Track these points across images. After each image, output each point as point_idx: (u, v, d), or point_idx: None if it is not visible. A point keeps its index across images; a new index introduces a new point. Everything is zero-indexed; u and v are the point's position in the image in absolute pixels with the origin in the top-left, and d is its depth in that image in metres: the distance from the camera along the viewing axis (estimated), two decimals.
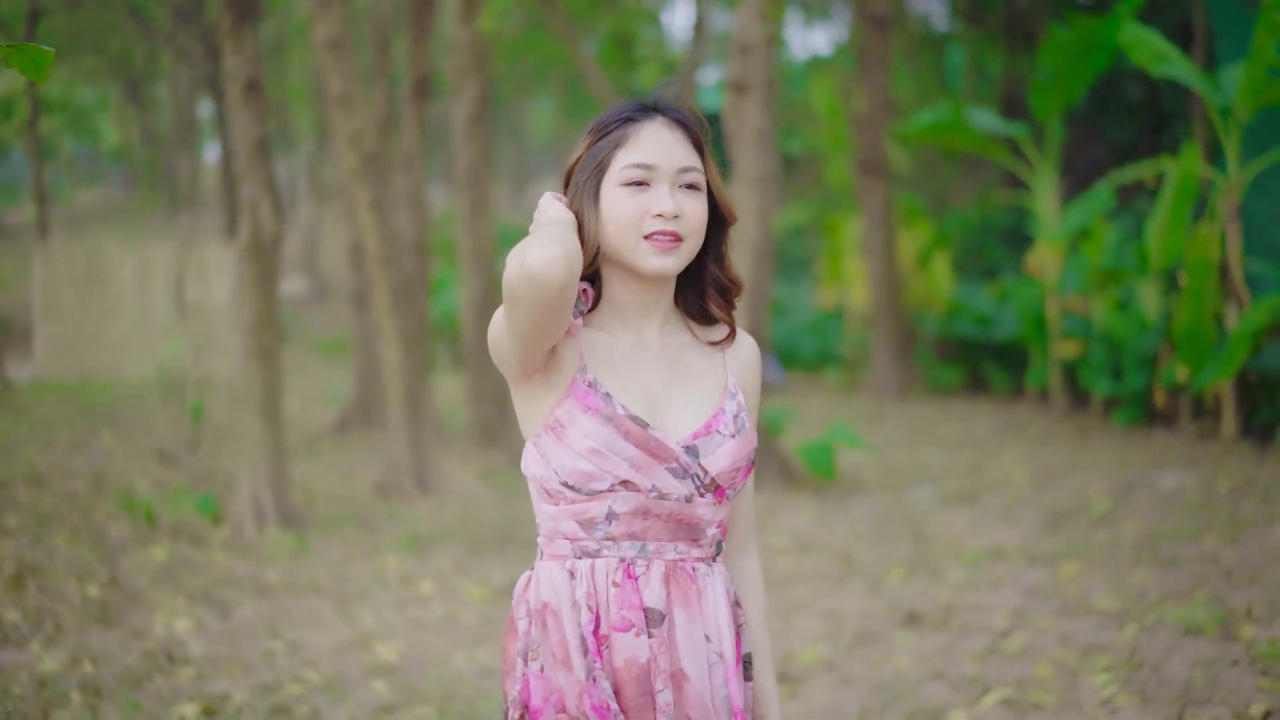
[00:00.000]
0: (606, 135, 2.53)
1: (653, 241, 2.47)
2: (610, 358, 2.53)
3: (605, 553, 2.48)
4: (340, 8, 9.42)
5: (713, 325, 2.67)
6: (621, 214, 2.48)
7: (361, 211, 9.65)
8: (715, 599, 2.52)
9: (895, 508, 9.14)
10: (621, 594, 2.45)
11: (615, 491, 2.45)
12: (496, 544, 8.39)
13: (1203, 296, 10.59)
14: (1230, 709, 5.00)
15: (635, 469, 2.44)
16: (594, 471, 2.43)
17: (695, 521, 2.50)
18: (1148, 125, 18.73)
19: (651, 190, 2.49)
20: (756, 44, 9.40)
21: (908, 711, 5.28)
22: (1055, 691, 5.39)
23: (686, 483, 2.48)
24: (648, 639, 2.45)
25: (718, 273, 2.64)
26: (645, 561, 2.48)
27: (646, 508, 2.46)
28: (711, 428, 2.52)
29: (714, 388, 2.59)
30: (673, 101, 2.60)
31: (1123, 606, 6.46)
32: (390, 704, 5.43)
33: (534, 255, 2.24)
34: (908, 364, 15.42)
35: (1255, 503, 8.35)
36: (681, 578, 2.49)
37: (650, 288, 2.55)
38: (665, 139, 2.51)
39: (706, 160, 2.58)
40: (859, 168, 15.20)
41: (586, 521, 2.47)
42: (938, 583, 7.20)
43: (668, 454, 2.46)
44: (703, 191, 2.54)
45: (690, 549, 2.51)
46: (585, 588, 2.46)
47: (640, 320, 2.58)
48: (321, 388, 15.79)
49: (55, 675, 5.47)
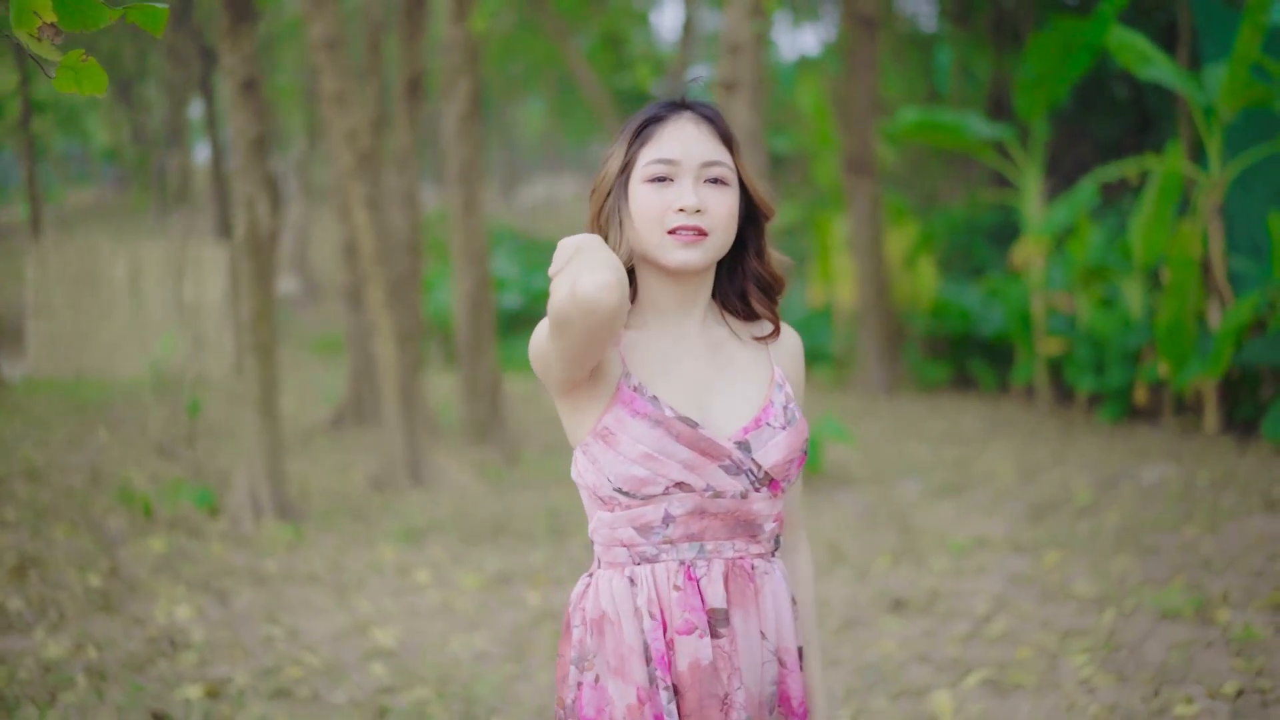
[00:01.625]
0: (635, 136, 2.52)
1: (676, 236, 2.44)
2: (653, 357, 2.51)
3: (664, 557, 2.45)
4: (335, 8, 9.56)
5: (755, 321, 2.64)
6: (646, 209, 2.46)
7: (356, 210, 9.79)
8: (775, 595, 2.51)
9: (882, 500, 9.29)
10: (684, 597, 2.43)
11: (670, 494, 2.42)
12: (490, 535, 8.54)
13: (1185, 294, 10.76)
14: (1205, 688, 5.16)
15: (689, 470, 2.42)
16: (648, 476, 2.41)
17: (752, 517, 2.48)
18: (1133, 124, 18.90)
19: (675, 185, 2.46)
20: (745, 44, 9.55)
21: (892, 691, 5.44)
22: (1035, 672, 5.55)
23: (741, 479, 2.45)
24: (711, 639, 2.43)
25: (758, 268, 2.61)
26: (705, 562, 2.45)
27: (703, 508, 2.44)
28: (761, 421, 2.49)
29: (761, 380, 2.56)
30: (700, 100, 2.58)
31: (1102, 592, 6.61)
32: (389, 686, 5.57)
33: (586, 281, 2.20)
34: (895, 361, 15.59)
35: (1235, 495, 8.50)
36: (740, 576, 2.47)
37: (685, 284, 2.52)
38: (689, 134, 2.49)
39: (737, 155, 2.55)
40: (846, 167, 15.36)
41: (643, 527, 2.45)
42: (923, 571, 7.36)
43: (720, 452, 2.43)
44: (730, 186, 2.49)
45: (749, 545, 2.49)
46: (647, 593, 2.44)
47: (680, 317, 2.54)
48: (315, 385, 15.92)
49: (60, 660, 5.60)
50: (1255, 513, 7.95)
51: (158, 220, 27.04)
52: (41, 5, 2.20)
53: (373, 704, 5.34)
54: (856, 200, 15.17)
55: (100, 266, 17.39)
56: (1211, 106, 10.64)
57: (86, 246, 17.74)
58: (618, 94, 23.60)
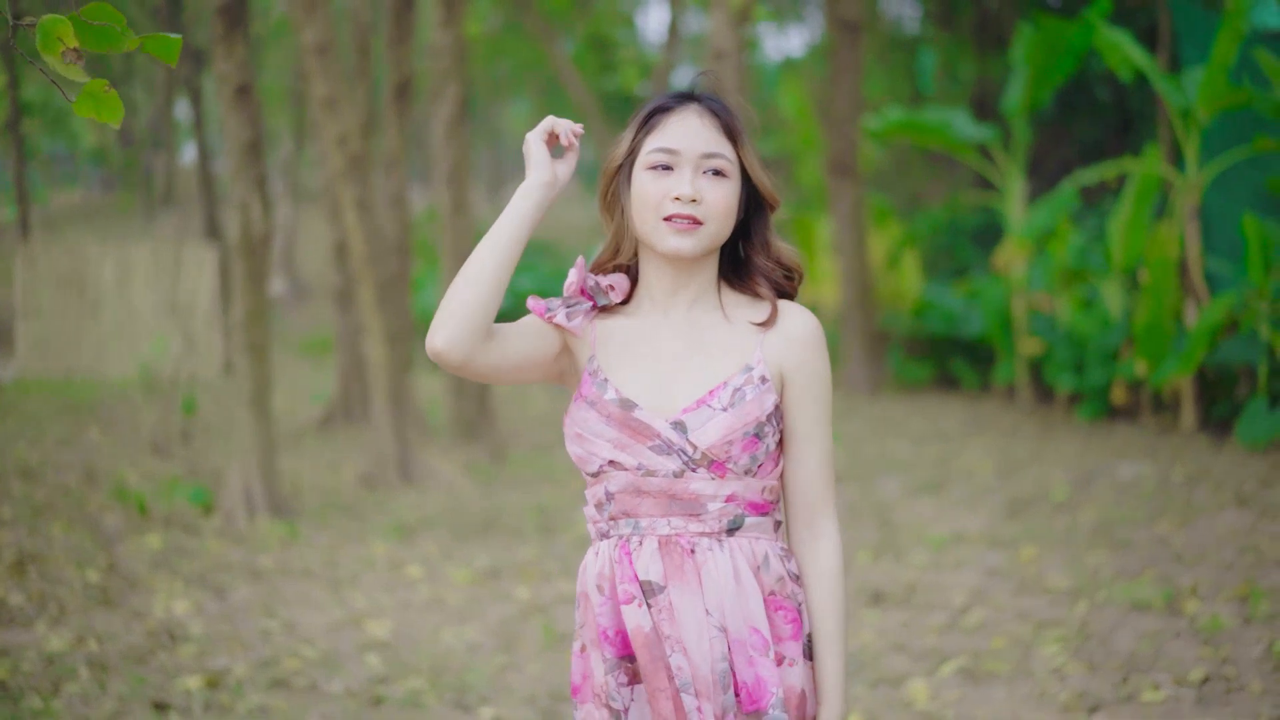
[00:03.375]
0: (643, 124, 2.62)
1: (671, 224, 2.54)
2: (626, 340, 2.63)
3: (612, 532, 2.57)
4: (326, 13, 9.72)
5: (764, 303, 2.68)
6: (645, 195, 2.56)
7: (347, 211, 9.95)
8: (720, 573, 2.52)
9: (864, 496, 9.47)
10: (620, 570, 2.53)
11: (606, 472, 2.55)
12: (480, 531, 8.70)
13: (1162, 294, 10.97)
14: (1172, 675, 5.36)
15: (618, 449, 2.53)
16: (583, 454, 2.56)
17: (690, 496, 2.52)
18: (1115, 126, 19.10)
19: (675, 174, 2.55)
20: (730, 49, 9.73)
21: (870, 680, 5.62)
22: (1009, 661, 5.74)
23: (672, 458, 2.51)
24: (647, 609, 2.51)
25: (763, 259, 2.68)
26: (639, 538, 2.54)
27: (637, 486, 2.53)
28: (704, 402, 2.53)
29: (730, 363, 2.59)
30: (709, 90, 2.66)
31: (1076, 585, 6.81)
32: (383, 676, 5.73)
33: (429, 343, 2.48)
34: (878, 361, 15.76)
35: (1208, 491, 8.70)
36: (675, 552, 2.52)
37: (679, 269, 2.61)
38: (692, 125, 2.57)
39: (742, 147, 2.61)
40: (829, 169, 15.53)
41: (597, 503, 2.60)
42: (902, 564, 7.54)
43: (649, 432, 2.51)
44: (729, 178, 2.58)
45: (688, 524, 2.53)
46: (599, 568, 2.57)
47: (667, 301, 2.64)
48: (304, 386, 16.05)
49: (62, 653, 5.75)
50: (1227, 508, 8.15)
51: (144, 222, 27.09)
52: (64, 31, 2.34)
53: (368, 693, 5.51)
54: (840, 202, 15.34)
55: (88, 267, 17.50)
56: (1189, 109, 10.83)
57: (75, 248, 17.86)
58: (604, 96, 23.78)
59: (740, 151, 2.61)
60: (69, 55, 2.36)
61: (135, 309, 17.43)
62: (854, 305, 15.29)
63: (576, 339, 2.63)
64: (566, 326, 2.59)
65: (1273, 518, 7.80)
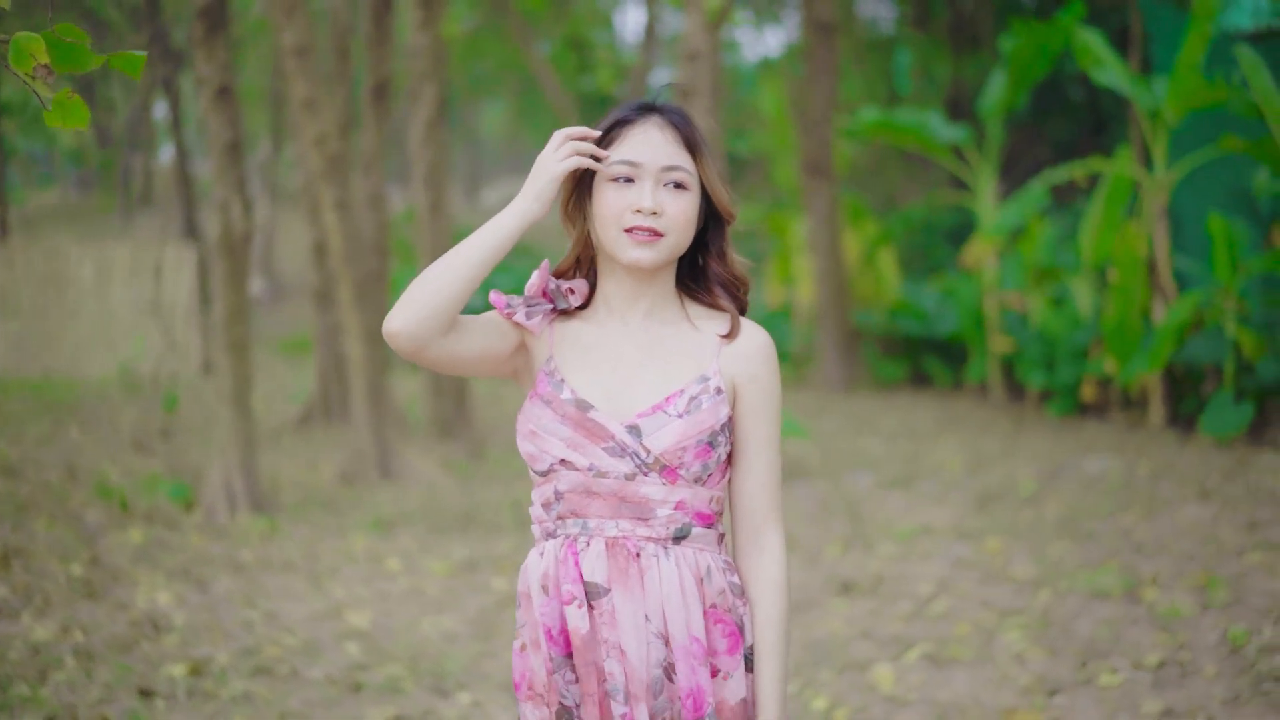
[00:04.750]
0: (604, 136, 2.65)
1: (632, 235, 2.58)
2: (583, 344, 2.68)
3: (559, 531, 2.61)
4: (306, 16, 9.84)
5: (724, 315, 2.74)
6: (606, 208, 2.61)
7: (326, 212, 10.08)
8: (664, 581, 2.56)
9: (835, 491, 9.62)
10: (564, 569, 2.56)
11: (557, 471, 2.59)
12: (458, 525, 8.84)
13: (1130, 292, 11.15)
14: (1129, 660, 5.53)
15: (571, 448, 2.57)
16: (535, 452, 2.60)
17: (641, 500, 2.57)
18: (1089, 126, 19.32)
19: (636, 186, 2.59)
20: (703, 51, 9.88)
21: (837, 666, 5.78)
22: (972, 647, 5.90)
23: (625, 461, 2.56)
24: (588, 611, 2.55)
25: (719, 269, 2.74)
26: (586, 538, 2.58)
27: (587, 486, 2.57)
28: (659, 408, 2.58)
29: (686, 371, 2.65)
30: (672, 103, 2.69)
31: (1040, 575, 6.97)
32: (363, 663, 5.88)
33: (386, 323, 2.51)
34: (853, 359, 15.92)
35: (1172, 485, 8.87)
36: (621, 555, 2.56)
37: (637, 280, 2.66)
38: (654, 138, 2.62)
39: (701, 161, 2.64)
40: (805, 169, 15.69)
41: (545, 503, 2.63)
42: (871, 556, 7.70)
43: (604, 434, 2.56)
44: (689, 190, 2.62)
45: (635, 527, 2.57)
46: (543, 568, 2.60)
47: (625, 309, 2.69)
48: (283, 385, 16.16)
49: (48, 643, 5.87)
50: (1190, 501, 8.32)
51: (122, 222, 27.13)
52: (36, 49, 2.43)
53: (348, 679, 5.65)
54: (815, 202, 15.50)
55: (67, 267, 17.57)
56: (1157, 110, 11.00)
57: (53, 248, 17.92)
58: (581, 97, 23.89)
59: (700, 164, 2.65)
60: (39, 71, 2.45)
61: (114, 309, 17.50)
62: (829, 304, 15.45)
63: (535, 338, 2.70)
64: (526, 325, 2.65)
65: (1234, 509, 7.97)
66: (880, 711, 5.27)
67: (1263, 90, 9.61)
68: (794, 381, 16.42)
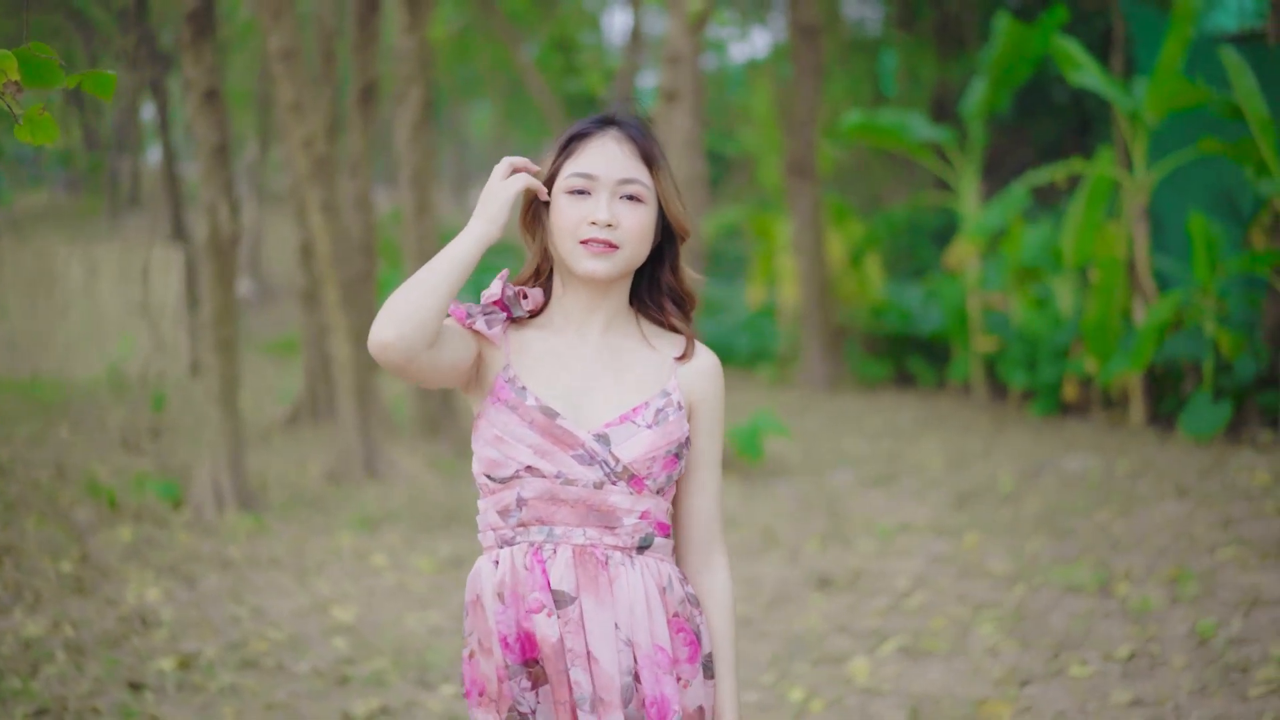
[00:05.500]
0: (563, 148, 2.68)
1: (587, 247, 2.59)
2: (541, 354, 2.68)
3: (519, 539, 2.60)
4: (293, 20, 9.93)
5: (674, 335, 2.77)
6: (562, 220, 2.62)
7: (313, 213, 10.18)
8: (630, 588, 2.60)
9: (816, 489, 9.74)
10: (531, 577, 2.57)
11: (521, 477, 2.58)
12: (443, 523, 8.94)
13: (1111, 293, 11.27)
14: (1100, 652, 5.66)
15: (539, 455, 2.57)
16: (499, 458, 2.59)
17: (608, 509, 2.59)
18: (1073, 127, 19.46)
19: (592, 199, 2.61)
20: (685, 55, 9.99)
21: (814, 658, 5.90)
22: (947, 640, 6.02)
23: (594, 469, 2.58)
24: (557, 620, 2.57)
25: (673, 283, 2.76)
26: (553, 545, 2.58)
27: (553, 493, 2.58)
28: (628, 418, 2.62)
29: (647, 385, 2.68)
30: (629, 116, 2.71)
31: (1016, 570, 7.10)
32: (349, 657, 5.98)
33: (371, 334, 2.46)
34: (837, 359, 16.03)
35: (1150, 482, 8.99)
36: (590, 563, 2.58)
37: (594, 292, 2.68)
38: (611, 151, 2.63)
39: (658, 174, 2.67)
40: (788, 170, 15.80)
41: (503, 510, 2.62)
42: (849, 552, 7.82)
43: (573, 441, 2.57)
44: (645, 204, 2.64)
45: (603, 535, 2.59)
46: (500, 576, 2.60)
47: (582, 320, 2.70)
48: (270, 386, 16.24)
49: (39, 638, 5.97)
50: (1167, 499, 8.44)
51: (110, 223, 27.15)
52: (9, 65, 2.48)
53: (335, 673, 5.75)
54: (799, 203, 15.60)
55: (56, 269, 17.62)
56: (1137, 112, 11.11)
57: (41, 249, 17.96)
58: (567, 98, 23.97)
59: (656, 178, 2.67)
60: (10, 88, 2.51)
61: (102, 310, 17.55)
62: (813, 304, 15.56)
63: (492, 347, 2.69)
64: (486, 333, 2.65)
65: (1210, 506, 8.09)
66: (855, 702, 5.38)
67: (1244, 91, 9.73)
68: (779, 382, 16.53)
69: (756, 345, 18.03)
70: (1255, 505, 8.00)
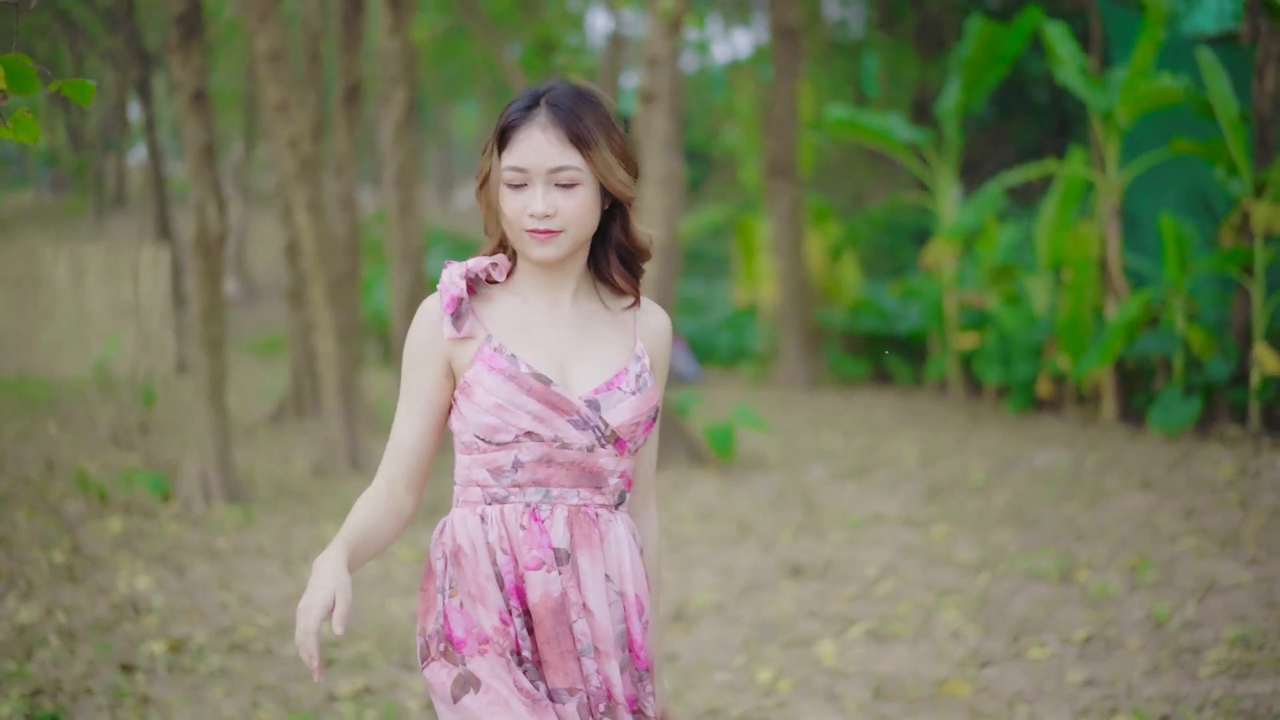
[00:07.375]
0: (498, 139, 2.70)
1: (532, 236, 2.65)
2: (520, 323, 2.74)
3: (513, 499, 2.69)
4: (279, 21, 10.11)
5: (624, 295, 2.84)
6: (507, 211, 2.67)
7: (299, 213, 10.36)
8: (617, 542, 2.73)
9: (791, 482, 9.94)
10: (530, 536, 2.67)
11: (520, 442, 2.66)
12: (426, 514, 9.10)
13: (1083, 291, 11.51)
14: (1058, 635, 5.89)
15: (538, 421, 2.65)
16: (499, 424, 2.66)
17: (598, 470, 2.71)
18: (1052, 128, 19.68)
19: (528, 191, 2.64)
20: (663, 57, 10.19)
21: (783, 642, 6.11)
22: (912, 625, 6.24)
23: (588, 434, 2.68)
24: (558, 575, 2.67)
25: (623, 239, 2.78)
26: (549, 506, 2.69)
27: (550, 456, 2.67)
28: (613, 385, 2.71)
29: (621, 350, 2.77)
30: (560, 92, 2.68)
31: (981, 559, 7.32)
32: (334, 641, 6.17)
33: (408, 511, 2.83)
34: (816, 357, 16.21)
35: (1118, 476, 9.23)
36: (584, 521, 2.70)
37: (551, 269, 2.74)
38: (537, 142, 2.64)
39: (590, 153, 2.65)
40: (767, 171, 15.98)
41: (495, 470, 2.69)
42: (822, 542, 8.02)
43: (569, 407, 2.66)
44: (580, 185, 2.65)
45: (593, 495, 2.72)
46: (497, 531, 2.69)
47: (551, 292, 2.76)
48: (257, 383, 16.39)
49: (33, 624, 6.16)
50: (1133, 491, 8.68)
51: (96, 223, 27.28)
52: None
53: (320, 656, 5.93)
54: (778, 203, 15.78)
55: (42, 269, 17.74)
56: (1110, 112, 11.31)
57: (28, 249, 18.07)
58: None
59: (589, 157, 2.66)
60: None
61: (89, 309, 17.66)
62: (791, 303, 15.73)
63: (462, 342, 2.72)
64: (459, 336, 2.70)
65: (1174, 498, 8.34)
66: (823, 682, 5.59)
67: (1217, 92, 9.95)
68: (758, 380, 16.72)
69: (737, 344, 18.20)
70: (1218, 497, 8.24)
